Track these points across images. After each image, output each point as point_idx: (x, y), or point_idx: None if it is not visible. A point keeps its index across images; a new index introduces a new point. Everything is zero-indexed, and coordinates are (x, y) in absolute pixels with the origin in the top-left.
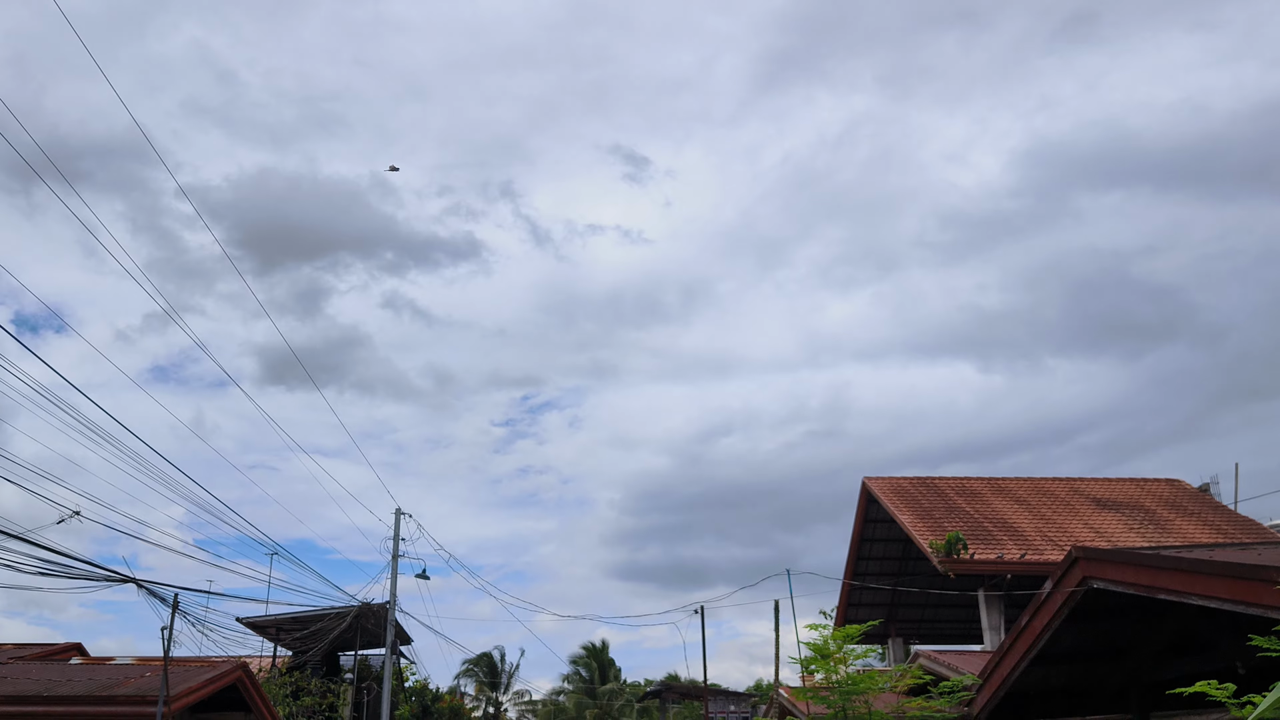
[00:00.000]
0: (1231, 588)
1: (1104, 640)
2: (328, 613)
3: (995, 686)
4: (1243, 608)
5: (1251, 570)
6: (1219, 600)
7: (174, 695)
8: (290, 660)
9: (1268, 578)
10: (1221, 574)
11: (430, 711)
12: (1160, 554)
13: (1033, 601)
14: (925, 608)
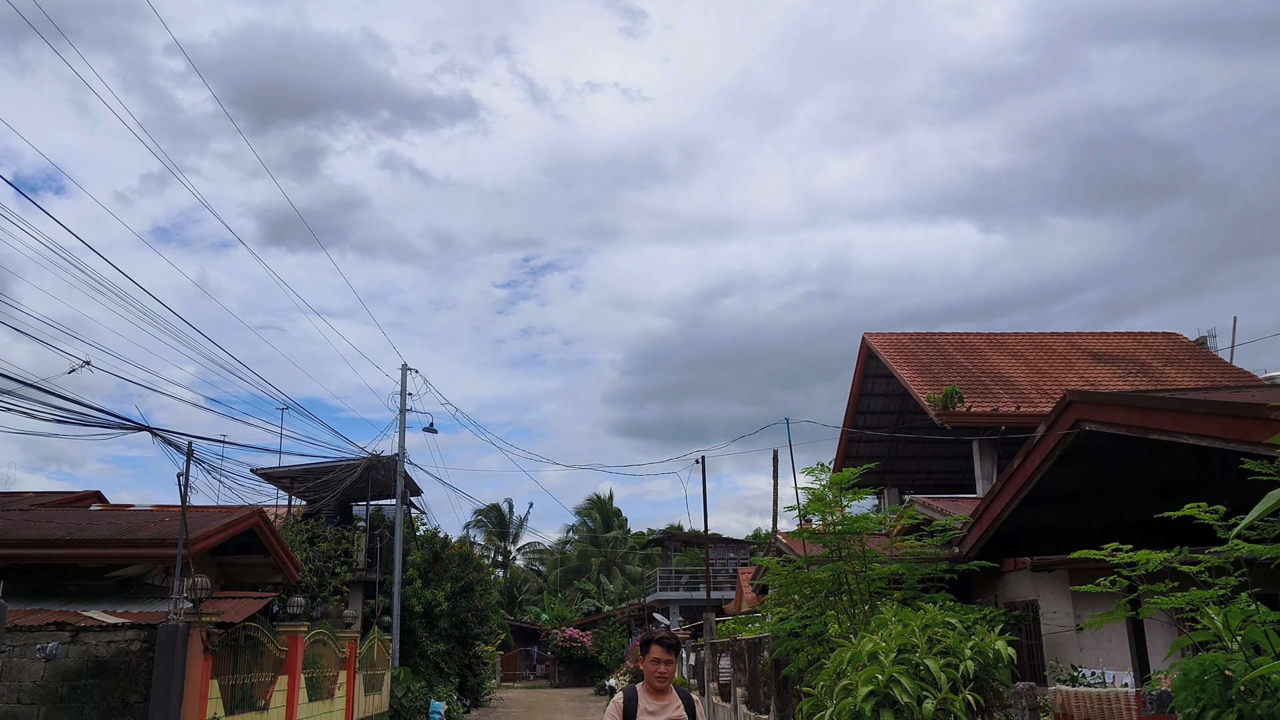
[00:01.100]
0: (1223, 426)
1: (1093, 482)
2: (339, 464)
3: (985, 526)
4: (1233, 445)
5: (1244, 408)
6: (1210, 439)
7: (193, 538)
8: (304, 509)
9: (1260, 414)
10: (1214, 413)
11: (441, 558)
12: (1153, 394)
13: (1026, 444)
14: (920, 459)
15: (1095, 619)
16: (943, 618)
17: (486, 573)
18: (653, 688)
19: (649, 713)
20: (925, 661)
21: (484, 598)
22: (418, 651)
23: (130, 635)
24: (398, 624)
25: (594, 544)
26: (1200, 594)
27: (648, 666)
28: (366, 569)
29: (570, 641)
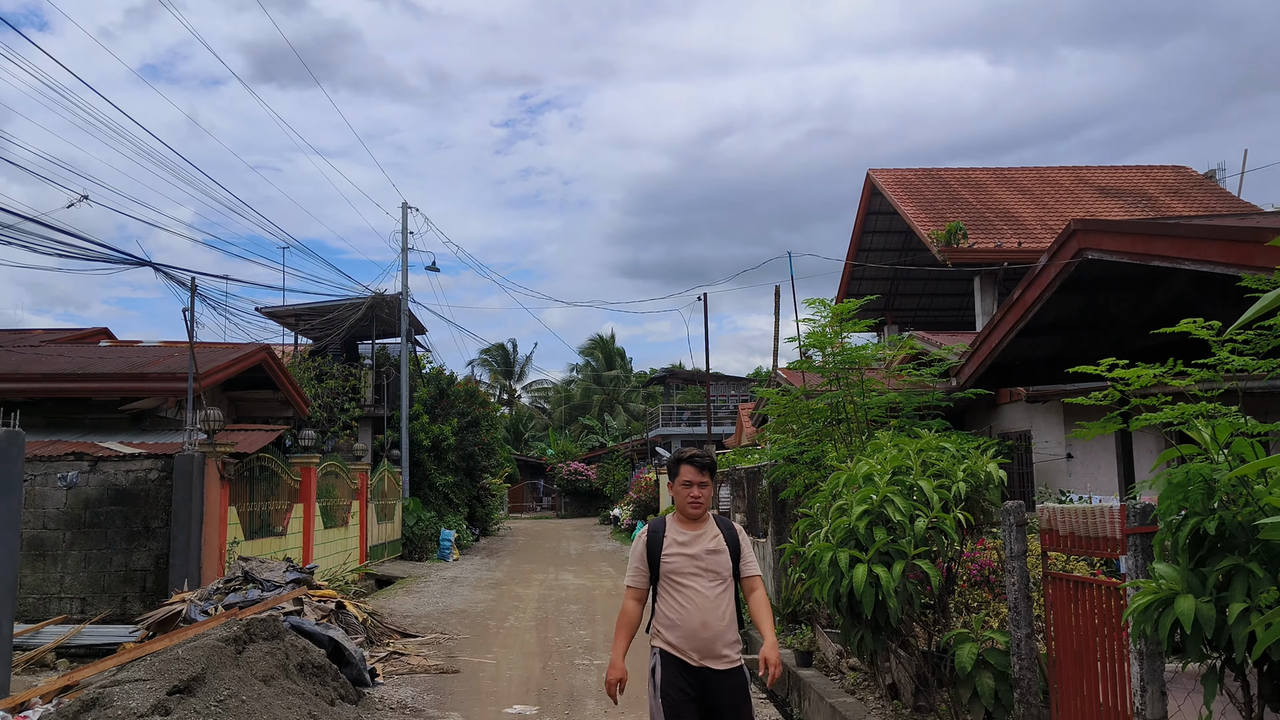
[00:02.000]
0: (1224, 251)
1: (1092, 312)
2: (343, 303)
3: (983, 357)
4: (1233, 270)
5: (1246, 232)
6: (1211, 264)
7: (203, 372)
8: (311, 348)
9: (1261, 238)
10: (1216, 237)
11: (446, 394)
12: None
13: (1027, 274)
14: (922, 297)
15: (1085, 429)
16: (937, 443)
17: (492, 409)
18: (685, 515)
19: (679, 544)
20: (919, 483)
21: (490, 433)
22: (427, 484)
23: (148, 465)
24: (407, 457)
25: (597, 383)
26: (1189, 408)
27: (678, 492)
28: (374, 405)
29: (575, 475)
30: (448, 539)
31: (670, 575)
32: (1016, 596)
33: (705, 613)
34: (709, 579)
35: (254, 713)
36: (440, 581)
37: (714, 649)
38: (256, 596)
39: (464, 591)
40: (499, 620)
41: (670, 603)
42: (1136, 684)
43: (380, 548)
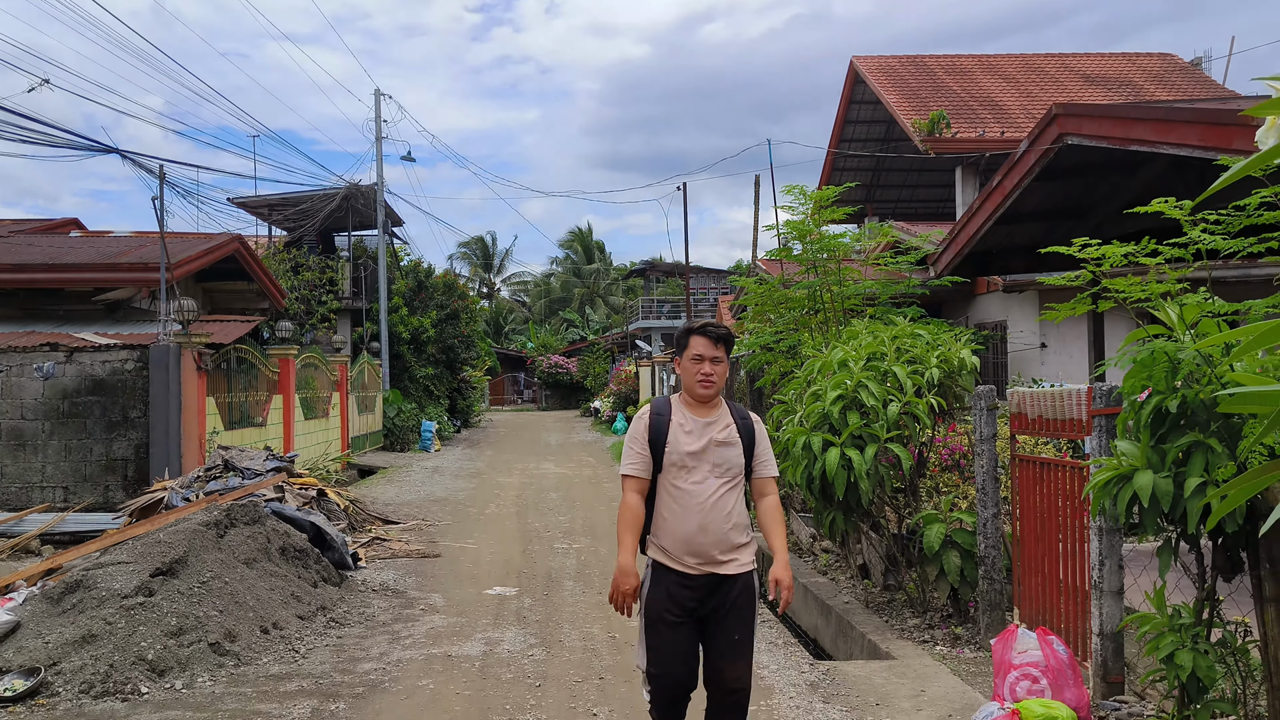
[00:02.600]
0: (1203, 134)
1: (1070, 199)
2: (317, 193)
3: (961, 245)
4: (1212, 154)
5: (1225, 114)
6: (1190, 148)
7: (176, 262)
8: (285, 239)
9: (1241, 120)
10: (1195, 120)
11: (425, 286)
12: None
13: (1007, 160)
14: (903, 188)
15: (1055, 311)
16: (912, 330)
17: (471, 301)
18: (694, 397)
19: (687, 431)
20: (893, 369)
21: (470, 325)
22: (407, 376)
23: (123, 355)
24: (386, 350)
25: (576, 276)
26: (1158, 287)
27: (686, 368)
28: (352, 297)
29: (556, 368)
30: (429, 430)
31: (672, 467)
32: (984, 478)
33: (705, 514)
34: (715, 475)
35: (237, 594)
36: (422, 471)
37: (716, 553)
38: (237, 484)
39: (445, 480)
40: (480, 507)
41: (668, 501)
42: (1095, 559)
43: (362, 439)
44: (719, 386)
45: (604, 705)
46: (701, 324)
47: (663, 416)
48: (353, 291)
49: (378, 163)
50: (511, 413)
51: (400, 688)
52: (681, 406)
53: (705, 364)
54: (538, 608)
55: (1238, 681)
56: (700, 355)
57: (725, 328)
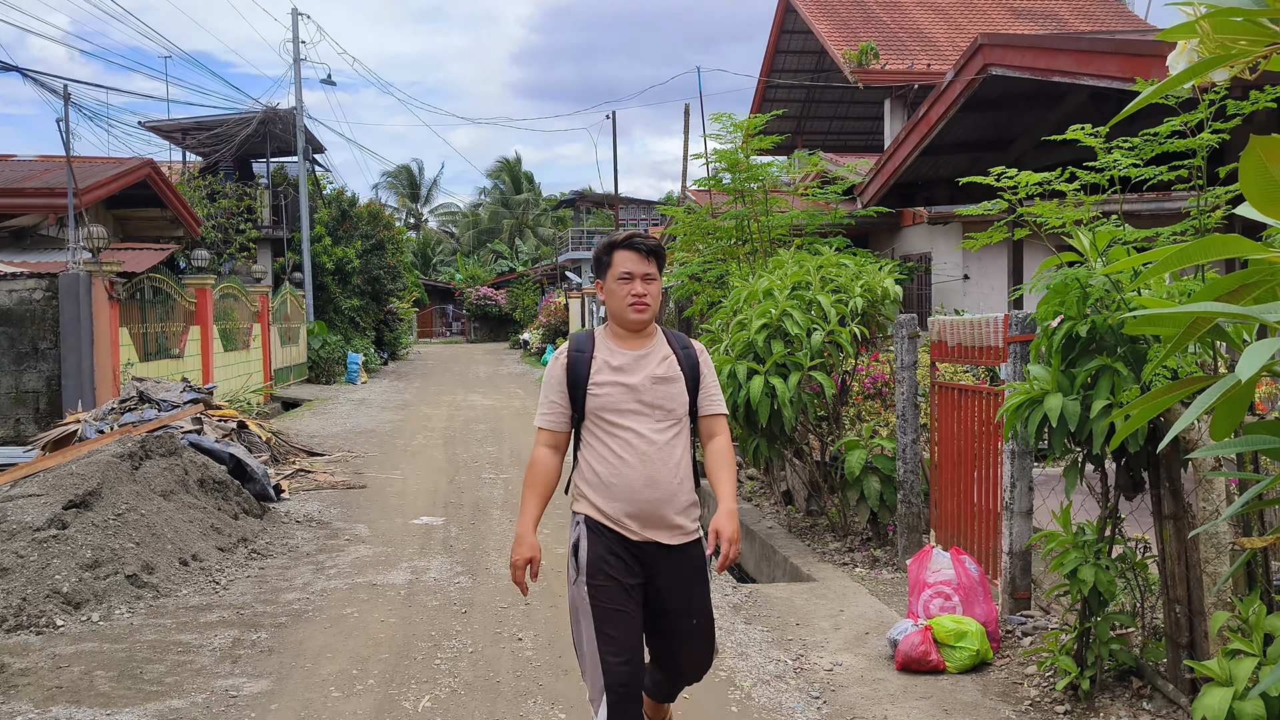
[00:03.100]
0: (1122, 64)
1: (994, 130)
2: (232, 117)
3: (887, 175)
4: (1130, 85)
5: (1143, 45)
6: (1109, 79)
7: (84, 188)
8: (201, 165)
9: (1158, 51)
10: (1115, 51)
11: (349, 216)
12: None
13: (933, 91)
14: (833, 120)
15: (973, 239)
16: (837, 260)
17: (398, 231)
18: (624, 325)
19: (614, 369)
20: (818, 298)
21: (396, 256)
22: (332, 307)
23: (31, 284)
24: (309, 280)
25: (505, 207)
26: (1072, 214)
27: (613, 291)
28: (273, 226)
29: (485, 300)
30: (354, 362)
31: (600, 414)
32: (904, 404)
33: (651, 465)
34: (656, 418)
35: (154, 526)
36: (347, 403)
37: (663, 515)
38: (153, 416)
39: (372, 412)
40: (407, 439)
41: (600, 453)
42: (1007, 481)
43: (285, 371)
44: (654, 310)
45: (529, 630)
46: (626, 236)
47: (584, 354)
48: (273, 220)
49: (296, 86)
50: (440, 345)
51: (324, 616)
52: (608, 340)
53: (635, 283)
54: (464, 537)
55: (1136, 595)
56: (629, 273)
57: (654, 239)
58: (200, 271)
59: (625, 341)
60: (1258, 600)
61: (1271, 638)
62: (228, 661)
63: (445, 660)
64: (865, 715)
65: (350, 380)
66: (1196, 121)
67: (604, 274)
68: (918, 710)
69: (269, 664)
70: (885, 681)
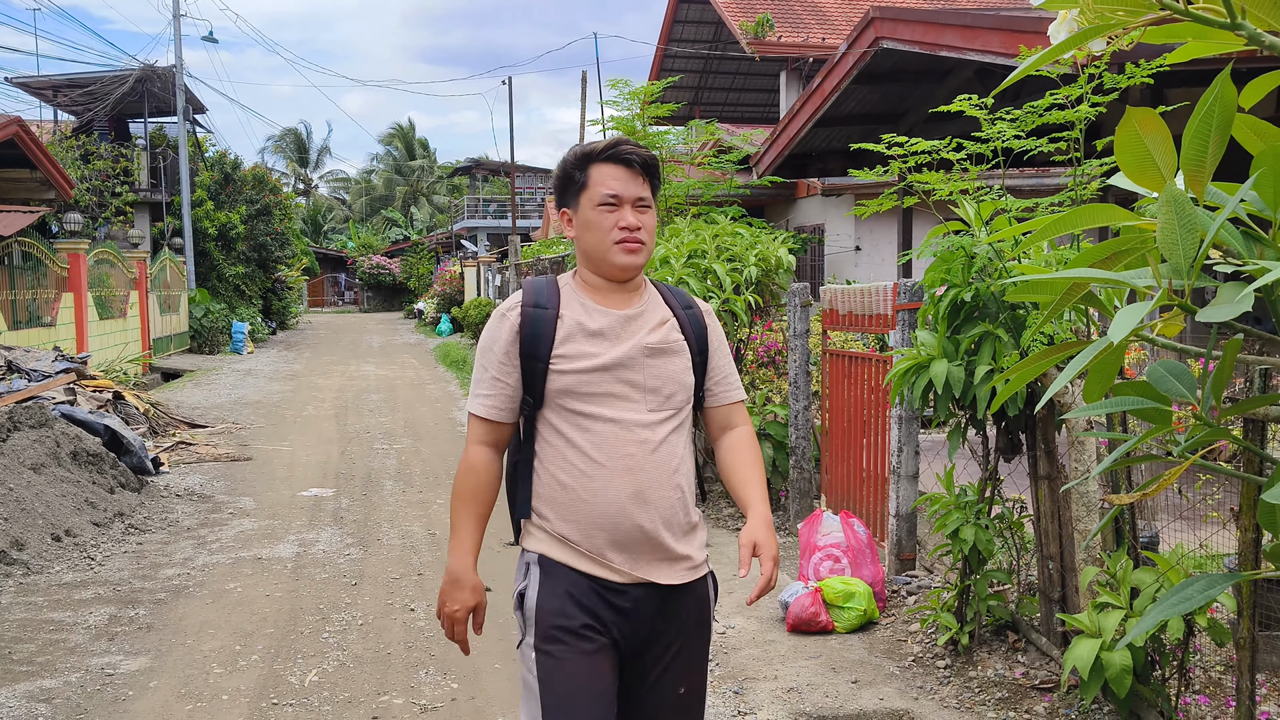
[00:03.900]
0: (1005, 40)
1: (886, 104)
2: (107, 74)
3: (782, 146)
4: (1015, 61)
5: (1027, 21)
6: (994, 54)
7: None
8: (74, 125)
9: (1041, 28)
10: (999, 27)
11: (233, 179)
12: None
13: (826, 64)
14: (730, 91)
15: (864, 207)
16: (732, 229)
17: (286, 197)
18: (609, 272)
19: (591, 333)
20: (713, 266)
21: (284, 222)
22: (215, 275)
23: None
24: (191, 246)
25: (399, 174)
26: (958, 183)
27: (591, 223)
28: (151, 190)
29: (378, 269)
30: (240, 331)
31: (568, 399)
32: (797, 372)
33: (640, 472)
34: (648, 406)
35: (23, 500)
36: (233, 374)
37: (660, 543)
38: (22, 385)
39: (259, 383)
40: (296, 410)
41: (567, 456)
42: (895, 445)
43: (165, 340)
44: (649, 252)
45: (422, 600)
46: (610, 144)
47: (546, 310)
48: (151, 184)
49: (176, 42)
50: (332, 314)
51: (206, 592)
52: (580, 293)
53: (624, 211)
54: (355, 508)
55: (1013, 553)
56: (614, 197)
57: (651, 154)
58: (73, 235)
59: (605, 296)
60: (1125, 556)
61: (1137, 591)
62: (104, 639)
63: (334, 633)
64: (757, 676)
65: (236, 350)
66: (1077, 95)
67: (574, 200)
68: (807, 669)
69: (147, 641)
70: (776, 643)
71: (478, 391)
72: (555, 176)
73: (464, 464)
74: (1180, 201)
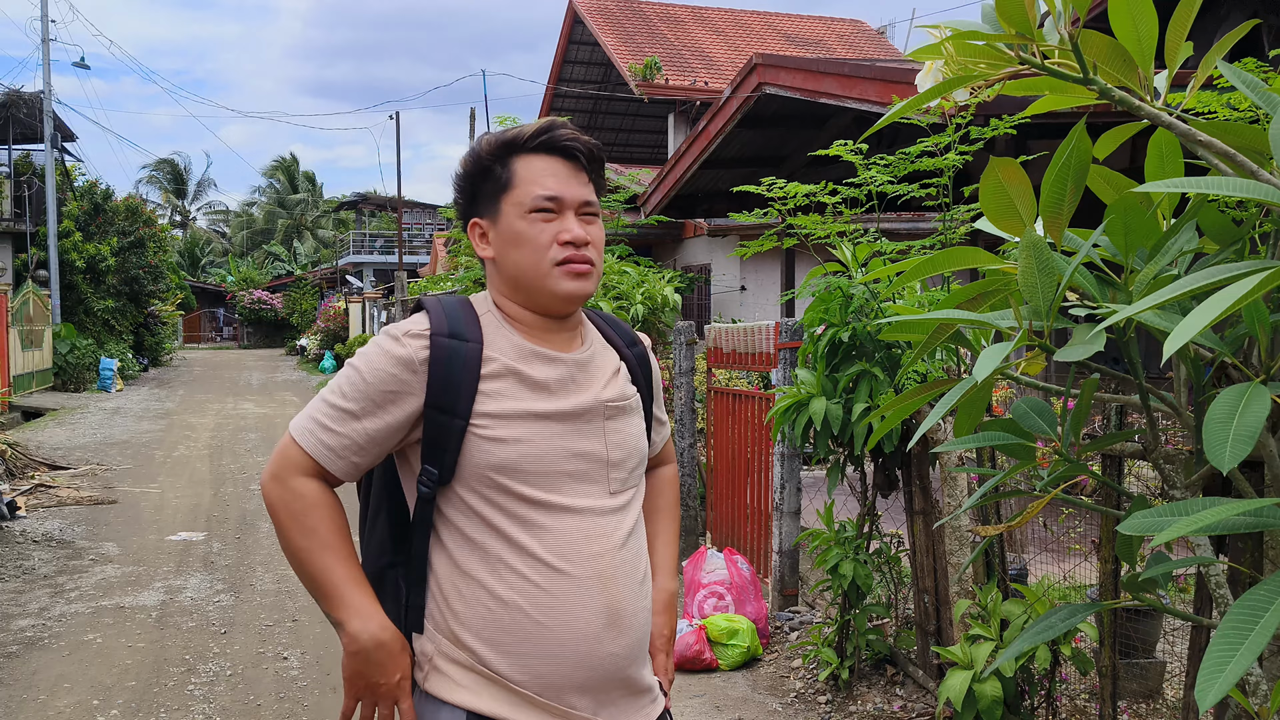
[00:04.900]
0: (881, 90)
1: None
2: None
3: (669, 187)
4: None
5: (900, 73)
6: (871, 103)
7: None
8: None
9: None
10: (875, 77)
11: (104, 210)
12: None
13: (712, 107)
14: (619, 131)
15: (746, 247)
16: (620, 267)
17: (160, 229)
18: (545, 306)
19: (534, 385)
20: (600, 304)
21: (158, 254)
22: (83, 309)
23: None
24: (56, 279)
25: (281, 207)
26: (835, 226)
27: (521, 235)
28: (15, 220)
29: (259, 304)
30: (109, 368)
31: (505, 475)
32: (683, 410)
33: (610, 578)
34: (612, 485)
35: None
36: (100, 413)
37: (631, 677)
38: None
39: (127, 422)
40: (167, 450)
41: (510, 562)
42: (777, 482)
43: (27, 377)
44: (599, 276)
45: (296, 648)
46: (542, 129)
47: (465, 344)
48: (15, 213)
49: (45, 66)
50: (210, 351)
51: (62, 644)
52: (508, 327)
53: (568, 219)
54: (228, 552)
55: (891, 588)
56: (553, 199)
57: (598, 147)
58: None
59: (541, 335)
60: (995, 588)
61: (1008, 623)
62: None
63: (200, 685)
64: None
65: (104, 388)
66: (945, 144)
67: (490, 206)
68: (691, 708)
69: None
70: None
71: (319, 419)
72: (461, 174)
73: (291, 501)
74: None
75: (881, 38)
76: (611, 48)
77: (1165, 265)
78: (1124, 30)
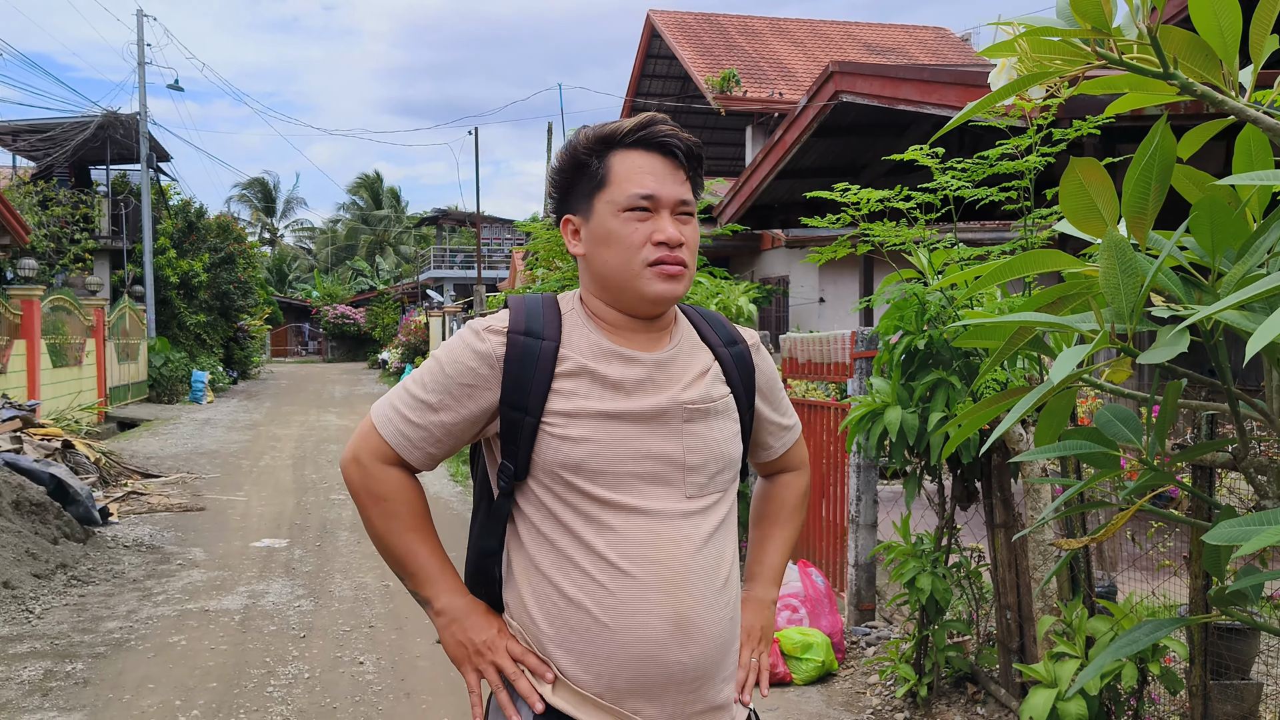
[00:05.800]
0: (962, 94)
1: (846, 156)
2: (67, 120)
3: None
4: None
5: (982, 77)
6: (950, 109)
7: None
8: (33, 171)
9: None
10: (955, 81)
11: (196, 227)
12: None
13: (788, 116)
14: None
15: (819, 253)
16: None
17: (250, 245)
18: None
19: (610, 385)
20: None
21: (248, 271)
22: (176, 323)
23: None
24: (151, 294)
25: (365, 223)
26: (909, 232)
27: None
28: (112, 237)
29: (342, 318)
30: (200, 380)
31: (574, 473)
32: None
33: (680, 584)
34: (689, 489)
35: None
36: (191, 423)
37: (701, 692)
38: None
39: (216, 433)
40: (253, 460)
41: (573, 556)
42: (853, 494)
43: (123, 389)
44: (692, 277)
45: (372, 653)
46: (642, 124)
47: (541, 342)
48: (112, 231)
49: (140, 88)
50: (295, 364)
51: (148, 645)
52: (590, 323)
53: (663, 219)
54: (309, 559)
55: (971, 603)
56: (650, 198)
57: (697, 143)
58: (27, 282)
59: (625, 334)
60: (1080, 604)
61: (1093, 640)
62: (37, 695)
63: (279, 688)
64: None
65: (195, 400)
66: (1026, 146)
67: (584, 203)
68: None
69: (83, 696)
70: None
71: (399, 408)
72: (556, 168)
73: (372, 484)
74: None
75: (965, 44)
76: (689, 61)
77: (1254, 265)
78: (1205, 24)
